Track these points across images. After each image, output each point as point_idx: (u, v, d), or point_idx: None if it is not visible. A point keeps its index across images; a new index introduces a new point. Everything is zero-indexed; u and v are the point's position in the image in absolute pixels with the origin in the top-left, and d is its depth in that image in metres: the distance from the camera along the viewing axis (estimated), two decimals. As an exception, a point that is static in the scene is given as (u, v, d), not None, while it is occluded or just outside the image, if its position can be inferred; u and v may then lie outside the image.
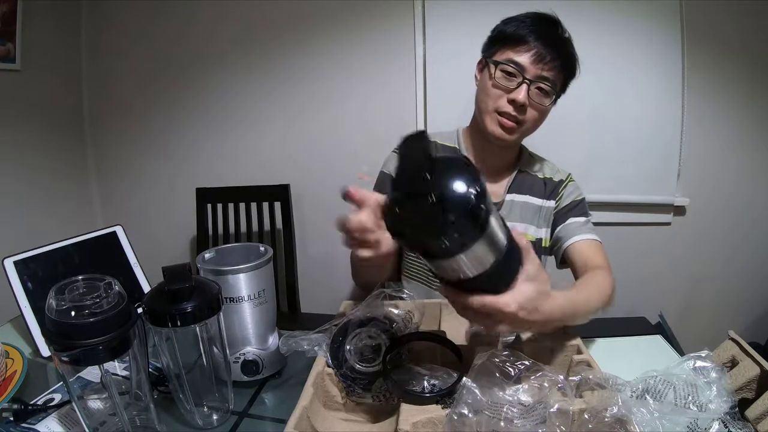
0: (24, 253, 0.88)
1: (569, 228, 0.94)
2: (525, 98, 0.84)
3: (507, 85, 0.85)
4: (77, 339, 0.49)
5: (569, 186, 0.99)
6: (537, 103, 0.85)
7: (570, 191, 0.98)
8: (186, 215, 1.67)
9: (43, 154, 1.66)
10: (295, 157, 1.75)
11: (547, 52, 0.83)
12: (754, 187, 1.61)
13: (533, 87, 0.84)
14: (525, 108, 0.85)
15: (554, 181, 0.99)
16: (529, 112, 0.86)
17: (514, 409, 0.48)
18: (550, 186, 0.98)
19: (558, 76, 0.86)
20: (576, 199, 0.97)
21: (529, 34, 0.83)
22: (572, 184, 1.00)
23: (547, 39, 0.84)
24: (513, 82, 0.85)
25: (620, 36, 1.50)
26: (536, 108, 0.86)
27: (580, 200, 0.97)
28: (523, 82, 0.84)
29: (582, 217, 0.95)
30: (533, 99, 0.85)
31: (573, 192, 0.98)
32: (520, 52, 0.84)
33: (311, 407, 0.56)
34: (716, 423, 0.52)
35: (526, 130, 0.90)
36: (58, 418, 0.64)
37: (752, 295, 1.69)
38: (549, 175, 1.00)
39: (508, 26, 0.87)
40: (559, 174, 1.01)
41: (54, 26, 1.67)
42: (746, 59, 1.50)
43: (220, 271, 0.69)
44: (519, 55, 0.84)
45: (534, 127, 0.91)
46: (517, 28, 0.85)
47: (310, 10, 1.63)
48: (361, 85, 1.66)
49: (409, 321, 0.65)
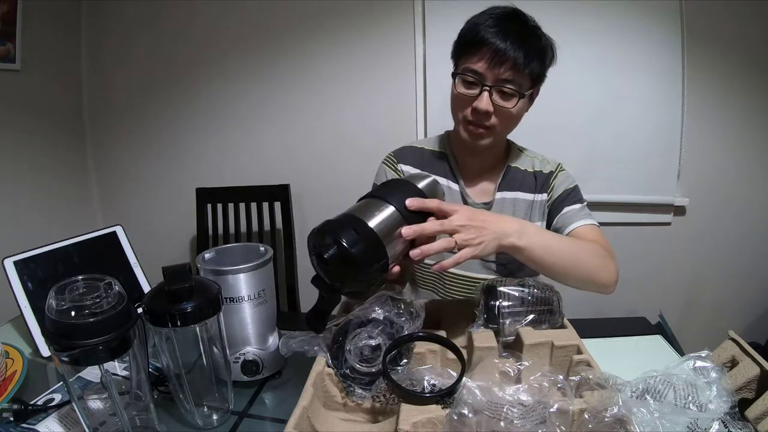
0: (24, 253, 0.88)
1: (566, 216, 0.92)
2: (488, 105, 0.83)
3: (469, 92, 0.84)
4: (77, 339, 0.49)
5: (560, 176, 0.98)
6: (502, 106, 0.84)
7: (561, 181, 0.97)
8: (186, 215, 1.68)
9: (43, 154, 1.67)
10: (295, 157, 1.75)
11: (505, 52, 0.80)
12: (754, 187, 1.61)
13: (495, 91, 0.83)
14: (490, 114, 0.84)
15: (544, 173, 0.98)
16: (497, 117, 0.85)
17: (514, 409, 0.48)
18: (541, 179, 0.97)
19: (521, 74, 0.82)
20: (568, 187, 0.96)
21: (486, 36, 0.81)
22: (562, 174, 0.98)
23: (506, 36, 0.80)
24: (474, 90, 0.84)
25: (620, 36, 1.50)
26: (502, 112, 0.85)
27: (573, 188, 0.96)
28: (482, 90, 0.82)
29: (576, 204, 0.94)
30: (497, 103, 0.83)
31: (564, 181, 0.97)
32: (477, 58, 0.82)
33: (311, 407, 0.56)
34: (716, 423, 0.52)
35: (499, 132, 0.88)
36: (58, 418, 0.64)
37: (752, 295, 1.69)
38: (539, 168, 0.99)
39: (467, 30, 0.86)
40: (549, 165, 0.99)
41: (54, 26, 1.67)
42: (746, 59, 1.50)
43: (220, 271, 0.69)
44: (476, 62, 0.82)
45: (507, 128, 0.89)
46: (473, 32, 0.83)
47: (310, 10, 1.63)
48: (361, 86, 1.66)
49: (409, 321, 0.65)
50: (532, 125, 1.52)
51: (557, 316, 0.70)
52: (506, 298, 0.69)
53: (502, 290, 0.70)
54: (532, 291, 0.70)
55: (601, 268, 0.79)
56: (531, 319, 0.68)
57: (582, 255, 0.78)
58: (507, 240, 0.68)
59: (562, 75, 1.63)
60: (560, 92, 1.55)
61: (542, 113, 1.55)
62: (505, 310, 0.68)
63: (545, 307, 0.69)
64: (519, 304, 0.69)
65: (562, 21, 1.50)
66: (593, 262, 0.79)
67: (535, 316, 0.68)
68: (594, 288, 0.80)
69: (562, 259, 0.74)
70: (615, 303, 1.66)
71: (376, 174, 1.05)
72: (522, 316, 0.68)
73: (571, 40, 1.51)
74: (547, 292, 0.71)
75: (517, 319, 0.68)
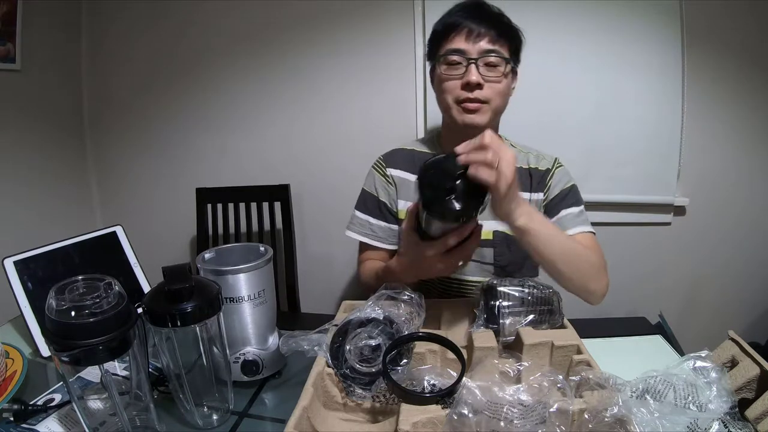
0: (24, 253, 0.88)
1: (564, 220, 0.92)
2: (478, 77, 0.84)
3: (456, 73, 0.86)
4: (77, 339, 0.49)
5: (556, 174, 0.97)
6: (492, 76, 0.85)
7: (558, 179, 0.96)
8: (186, 215, 1.67)
9: (42, 154, 1.66)
10: (295, 157, 1.75)
11: (480, 28, 0.84)
12: (753, 187, 1.61)
13: (481, 64, 0.84)
14: (482, 86, 0.85)
15: (540, 170, 0.97)
16: (489, 89, 0.86)
17: (514, 409, 0.48)
18: (537, 177, 0.96)
19: (501, 45, 0.85)
20: (565, 187, 0.95)
21: (457, 20, 0.85)
22: (559, 171, 0.97)
23: (477, 17, 0.85)
24: (460, 68, 0.85)
25: (620, 36, 1.50)
26: (493, 81, 0.86)
27: (570, 188, 0.95)
28: (469, 64, 0.84)
29: (575, 207, 0.93)
30: (486, 75, 0.85)
31: (561, 180, 0.96)
32: (455, 38, 0.85)
33: (311, 407, 0.56)
34: (716, 423, 0.52)
35: (495, 108, 0.89)
36: (58, 418, 0.64)
37: (752, 295, 1.69)
38: (534, 164, 0.97)
39: (439, 23, 0.89)
40: (545, 162, 0.98)
41: (54, 26, 1.67)
42: (746, 59, 1.50)
43: (220, 271, 0.69)
44: (455, 41, 0.85)
45: (502, 101, 0.90)
46: (445, 21, 0.88)
47: (310, 10, 1.62)
48: (360, 85, 1.66)
49: (409, 321, 0.65)
50: (532, 125, 1.52)
51: (557, 316, 0.70)
52: (506, 298, 0.69)
53: (502, 290, 0.70)
54: (532, 291, 0.70)
55: (594, 277, 0.80)
56: (531, 319, 0.68)
57: (579, 259, 0.78)
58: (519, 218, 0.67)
59: (562, 75, 1.64)
60: (560, 92, 1.56)
61: (542, 113, 1.57)
62: (505, 310, 0.68)
63: (545, 307, 0.69)
64: (519, 304, 0.69)
65: (563, 21, 1.51)
66: (589, 271, 0.79)
67: (535, 316, 0.68)
68: (583, 294, 0.81)
69: (561, 256, 0.74)
70: (615, 303, 1.66)
71: (366, 178, 1.05)
72: (522, 316, 0.68)
73: (571, 40, 1.52)
74: (547, 292, 0.71)
75: (517, 319, 0.68)
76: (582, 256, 0.79)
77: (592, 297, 0.82)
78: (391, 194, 1.01)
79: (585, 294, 0.81)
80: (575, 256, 0.77)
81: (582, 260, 0.78)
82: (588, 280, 0.79)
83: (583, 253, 0.80)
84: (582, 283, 0.79)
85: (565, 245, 0.76)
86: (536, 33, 1.57)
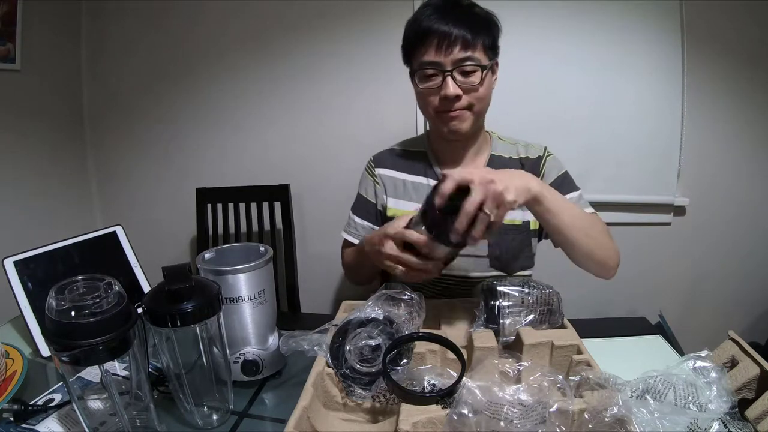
0: (24, 253, 0.88)
1: None
2: (455, 89, 0.83)
3: (433, 84, 0.85)
4: (77, 339, 0.49)
5: (548, 161, 0.97)
6: (470, 82, 0.83)
7: (551, 166, 0.96)
8: (186, 215, 1.67)
9: (42, 154, 1.66)
10: (296, 157, 1.75)
11: (451, 33, 0.80)
12: (753, 187, 1.61)
13: (457, 73, 0.83)
14: (460, 97, 0.84)
15: (531, 159, 0.97)
16: (468, 96, 0.85)
17: (514, 409, 0.48)
18: (528, 165, 0.96)
19: (476, 48, 0.82)
20: (560, 174, 0.95)
21: (428, 25, 0.82)
22: (551, 159, 0.98)
23: (447, 19, 0.81)
24: (436, 80, 0.84)
25: (620, 36, 1.50)
26: (471, 89, 0.84)
27: (564, 174, 0.96)
28: (445, 76, 0.83)
29: (573, 192, 0.94)
30: (464, 82, 0.83)
31: (554, 167, 0.96)
32: (426, 48, 0.83)
33: (311, 407, 0.56)
34: (716, 423, 0.52)
35: (478, 111, 0.88)
36: (58, 418, 0.64)
37: (752, 295, 1.69)
38: (524, 154, 0.98)
39: (409, 28, 0.87)
40: (534, 150, 0.98)
41: (54, 26, 1.67)
42: (746, 59, 1.50)
43: (220, 271, 0.69)
44: (428, 53, 0.83)
45: (483, 104, 0.88)
46: (415, 26, 0.85)
47: (310, 10, 1.62)
48: (361, 86, 1.66)
49: (409, 321, 0.65)
50: (532, 125, 1.52)
51: (557, 316, 0.70)
52: (506, 298, 0.69)
53: (502, 290, 0.70)
54: (532, 291, 0.70)
55: (608, 247, 0.81)
56: (531, 319, 0.68)
57: (593, 228, 0.79)
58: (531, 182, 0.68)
59: (562, 75, 1.64)
60: (560, 92, 1.56)
61: (542, 113, 1.57)
62: (505, 310, 0.68)
63: (545, 307, 0.69)
64: (519, 304, 0.69)
65: (562, 21, 1.51)
66: (602, 240, 0.80)
67: (535, 316, 0.68)
68: (597, 266, 0.81)
69: (574, 221, 0.75)
70: (615, 303, 1.67)
71: (360, 183, 1.07)
72: (522, 316, 0.68)
73: (571, 41, 1.52)
74: (547, 292, 0.71)
75: (517, 319, 0.68)
76: (595, 225, 0.81)
77: (606, 269, 0.82)
78: (379, 193, 1.02)
79: (600, 266, 0.81)
80: (589, 225, 0.78)
81: (595, 229, 0.79)
82: (603, 251, 0.80)
83: (596, 221, 0.82)
84: (599, 252, 0.79)
85: (576, 211, 0.77)
86: (536, 33, 1.59)
